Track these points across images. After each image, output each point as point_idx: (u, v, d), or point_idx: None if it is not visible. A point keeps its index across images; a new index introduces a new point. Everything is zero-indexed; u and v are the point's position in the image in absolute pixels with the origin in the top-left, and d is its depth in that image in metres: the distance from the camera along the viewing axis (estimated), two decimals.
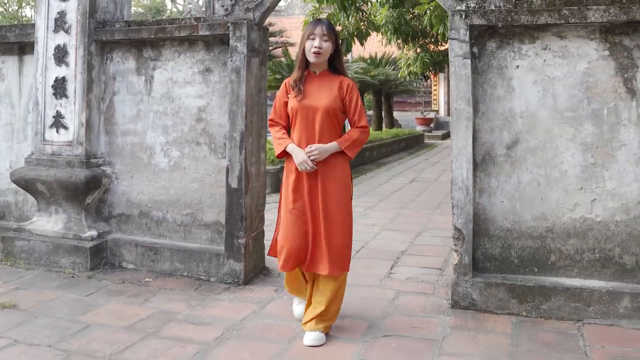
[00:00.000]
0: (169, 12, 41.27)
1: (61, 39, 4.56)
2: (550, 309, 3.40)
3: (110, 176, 4.60)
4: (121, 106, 4.59)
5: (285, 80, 3.26)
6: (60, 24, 4.57)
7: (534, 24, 3.50)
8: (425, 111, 26.60)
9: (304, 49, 3.11)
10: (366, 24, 8.50)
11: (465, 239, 3.54)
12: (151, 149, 4.48)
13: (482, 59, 3.67)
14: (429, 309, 3.57)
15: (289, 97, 3.16)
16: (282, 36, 13.20)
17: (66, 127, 4.55)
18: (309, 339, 3.02)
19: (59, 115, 4.57)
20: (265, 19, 4.23)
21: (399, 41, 11.55)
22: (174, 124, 4.41)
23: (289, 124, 3.21)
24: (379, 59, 19.49)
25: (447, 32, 3.71)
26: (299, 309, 3.35)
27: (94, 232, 4.45)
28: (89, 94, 4.52)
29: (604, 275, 3.46)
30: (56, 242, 4.42)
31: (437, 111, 27.54)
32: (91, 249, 4.35)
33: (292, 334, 3.17)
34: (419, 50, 12.35)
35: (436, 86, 27.87)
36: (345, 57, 5.47)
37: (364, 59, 19.15)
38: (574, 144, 3.52)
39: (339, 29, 7.54)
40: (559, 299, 3.39)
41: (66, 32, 4.55)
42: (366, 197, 8.06)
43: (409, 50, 12.67)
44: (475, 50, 3.66)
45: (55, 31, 4.58)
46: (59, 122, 4.57)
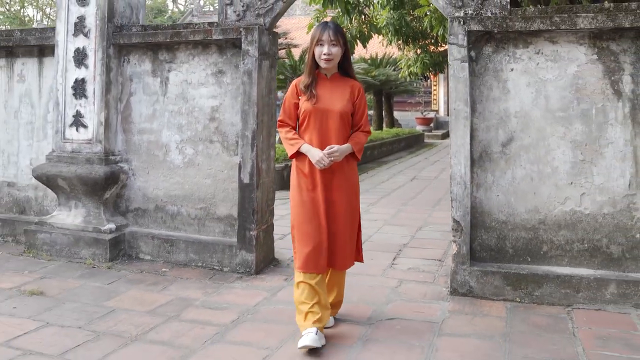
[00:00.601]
0: (170, 12, 41.50)
1: (80, 42, 4.81)
2: (542, 295, 3.66)
3: (127, 172, 4.85)
4: (138, 106, 4.84)
5: (294, 81, 3.27)
6: (79, 28, 4.82)
7: (528, 30, 3.76)
8: (425, 111, 26.85)
9: (314, 54, 3.14)
10: (368, 26, 8.73)
11: (463, 231, 3.80)
12: (166, 146, 4.74)
13: (479, 63, 3.92)
14: (429, 296, 3.83)
15: (299, 99, 3.19)
16: (285, 38, 13.44)
17: (85, 126, 4.80)
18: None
19: (78, 114, 4.82)
20: (275, 24, 4.48)
21: (400, 42, 11.75)
22: (188, 123, 4.66)
23: (298, 125, 3.26)
24: (379, 59, 19.75)
25: (447, 35, 3.96)
26: (310, 336, 2.93)
27: (112, 226, 4.70)
28: (107, 94, 4.77)
29: (592, 263, 3.71)
30: (77, 235, 4.67)
31: (437, 111, 27.78)
32: (110, 241, 4.60)
33: None
34: (419, 51, 12.58)
35: (436, 86, 28.11)
36: None
37: (365, 60, 19.41)
38: (564, 142, 3.77)
39: None
40: (550, 286, 3.65)
41: (85, 35, 4.80)
42: (368, 194, 8.31)
43: (409, 51, 12.88)
44: (472, 54, 3.91)
45: (75, 35, 4.83)
46: (78, 121, 4.82)
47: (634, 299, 3.52)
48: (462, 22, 3.84)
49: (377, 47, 18.42)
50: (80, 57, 4.81)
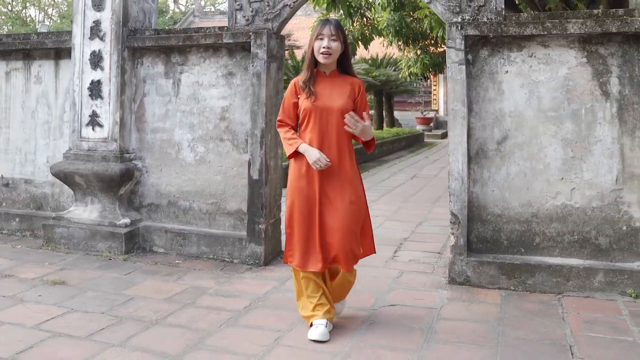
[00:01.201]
0: (172, 12, 41.71)
1: (96, 45, 5.05)
2: (534, 284, 3.90)
3: (141, 169, 5.09)
4: (151, 106, 5.08)
5: (293, 80, 3.24)
6: (95, 32, 5.06)
7: (521, 34, 3.99)
8: (425, 111, 27.09)
9: (313, 49, 3.13)
10: (370, 29, 8.97)
11: (460, 223, 4.04)
12: (179, 144, 4.97)
13: (475, 65, 4.16)
14: (428, 285, 4.07)
15: (298, 98, 3.17)
16: (289, 39, 13.68)
17: (101, 125, 5.04)
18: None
19: (94, 114, 5.06)
20: (282, 28, 4.72)
21: (400, 43, 11.97)
22: (199, 122, 4.90)
23: (298, 124, 3.25)
24: (380, 60, 19.99)
25: (446, 38, 4.20)
26: (319, 329, 3.08)
27: (127, 220, 4.94)
28: (122, 95, 5.01)
29: (582, 254, 3.95)
30: (93, 229, 4.91)
31: (437, 111, 28.01)
32: (125, 234, 4.84)
33: None
34: (419, 52, 12.80)
35: (436, 86, 28.34)
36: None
37: (365, 60, 19.66)
38: (555, 140, 4.01)
39: None
40: (542, 275, 3.89)
41: (101, 39, 5.03)
42: (369, 192, 8.52)
43: (409, 52, 13.10)
44: (469, 57, 4.15)
45: (91, 38, 5.07)
46: (94, 121, 5.06)
47: (620, 287, 3.76)
48: (459, 27, 4.07)
49: (378, 47, 18.67)
50: (96, 60, 5.05)
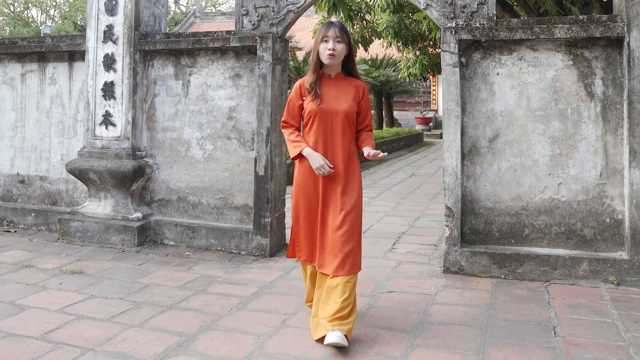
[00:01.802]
0: (173, 13, 41.97)
1: (109, 48, 5.32)
2: (523, 272, 4.16)
3: (152, 166, 5.35)
4: (161, 106, 5.34)
5: (298, 82, 3.26)
6: (108, 35, 5.32)
7: (512, 39, 4.26)
8: (424, 111, 27.37)
9: (318, 52, 3.14)
10: (370, 31, 9.22)
11: (454, 216, 4.30)
12: (188, 143, 5.24)
13: (469, 68, 4.42)
14: (424, 274, 4.33)
15: (303, 100, 3.19)
16: (291, 41, 13.94)
17: (114, 125, 5.30)
18: (332, 337, 2.90)
19: (107, 114, 5.32)
20: (286, 32, 4.98)
21: (399, 44, 12.21)
22: (208, 121, 5.16)
23: (302, 126, 3.26)
24: (380, 61, 20.27)
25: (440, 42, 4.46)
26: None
27: (139, 214, 5.20)
28: (134, 96, 5.27)
29: (568, 244, 4.22)
30: (107, 223, 5.18)
31: (436, 111, 28.29)
32: (137, 228, 5.10)
33: None
34: (418, 52, 13.05)
35: (435, 87, 28.61)
36: None
37: (365, 61, 19.93)
38: (544, 138, 4.27)
39: None
40: (531, 264, 4.15)
41: (114, 42, 5.30)
42: (369, 189, 8.82)
43: (408, 52, 13.34)
44: (463, 60, 4.41)
45: (104, 42, 5.34)
46: (108, 120, 5.32)
47: (603, 275, 4.02)
48: (453, 32, 4.34)
49: (378, 48, 18.94)
50: (109, 62, 5.31)
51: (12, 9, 38.48)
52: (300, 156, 3.16)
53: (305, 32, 20.83)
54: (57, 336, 3.13)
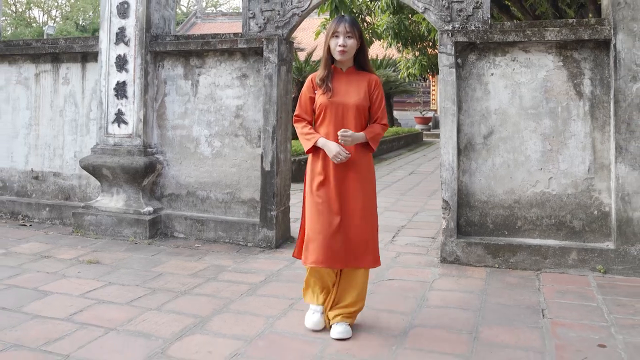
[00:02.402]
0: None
1: (121, 49, 5.56)
2: (516, 262, 4.40)
3: (162, 163, 5.59)
4: (171, 105, 5.59)
5: (310, 75, 3.26)
6: (120, 37, 5.57)
7: (505, 41, 4.50)
8: (424, 110, 27.62)
9: (329, 47, 3.12)
10: (370, 33, 9.45)
11: (451, 209, 4.54)
12: (197, 140, 5.48)
13: (464, 68, 4.66)
14: (422, 264, 4.58)
15: (315, 94, 3.18)
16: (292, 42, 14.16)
17: (126, 123, 5.55)
18: (337, 331, 3.07)
19: (120, 112, 5.57)
20: (291, 34, 5.22)
21: (399, 45, 12.43)
22: (216, 119, 5.41)
23: (314, 119, 3.26)
24: (380, 61, 20.51)
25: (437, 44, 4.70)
26: (314, 318, 3.18)
27: (150, 208, 5.44)
28: (145, 95, 5.52)
29: (558, 235, 4.46)
30: (119, 216, 5.42)
31: (436, 111, 28.49)
32: (149, 221, 5.34)
33: None
34: (417, 53, 13.28)
35: (434, 87, 28.83)
36: None
37: None
38: (535, 135, 4.52)
39: None
40: (523, 254, 4.39)
41: (126, 44, 5.54)
42: None
43: (408, 53, 13.55)
44: (459, 61, 4.65)
45: (116, 43, 5.58)
46: (120, 118, 5.57)
47: (590, 264, 4.26)
48: (450, 35, 4.58)
49: (378, 49, 19.18)
50: (121, 63, 5.56)
51: (14, 9, 38.71)
52: (314, 149, 3.13)
53: (306, 32, 21.05)
54: (81, 318, 3.37)
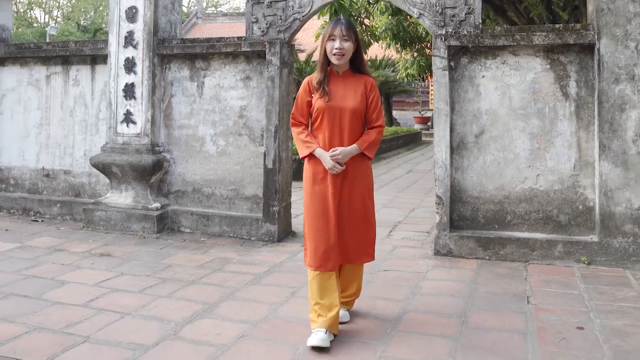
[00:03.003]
0: None
1: (130, 52, 5.81)
2: (505, 254, 4.65)
3: (169, 161, 5.85)
4: (177, 106, 5.84)
5: (307, 78, 3.25)
6: (129, 41, 5.82)
7: (495, 45, 4.75)
8: (422, 110, 27.87)
9: (325, 50, 3.12)
10: (369, 35, 9.70)
11: (444, 204, 4.80)
12: (202, 139, 5.73)
13: (457, 71, 4.91)
14: (417, 256, 4.83)
15: (312, 97, 3.19)
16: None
17: (135, 122, 5.80)
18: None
19: (128, 113, 5.82)
20: (293, 38, 5.47)
21: (398, 46, 12.66)
22: (220, 119, 5.66)
23: (311, 122, 3.27)
24: (379, 61, 20.77)
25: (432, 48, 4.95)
26: (318, 336, 2.98)
27: (158, 204, 5.70)
28: (152, 96, 5.77)
29: (545, 229, 4.71)
30: (128, 212, 5.67)
31: None
32: (157, 217, 5.59)
33: None
34: (415, 54, 13.52)
35: (433, 87, 29.03)
36: None
37: None
38: (524, 134, 4.77)
39: None
40: (512, 247, 4.64)
41: (134, 47, 5.79)
42: None
43: (406, 54, 13.79)
44: (452, 64, 4.90)
45: (125, 46, 5.83)
46: (128, 119, 5.82)
47: (576, 256, 4.51)
48: (443, 39, 4.83)
49: (377, 50, 19.43)
50: (129, 65, 5.81)
51: (15, 9, 38.91)
52: (310, 155, 3.16)
53: (306, 33, 21.29)
54: (97, 304, 3.62)
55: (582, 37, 4.57)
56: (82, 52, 6.24)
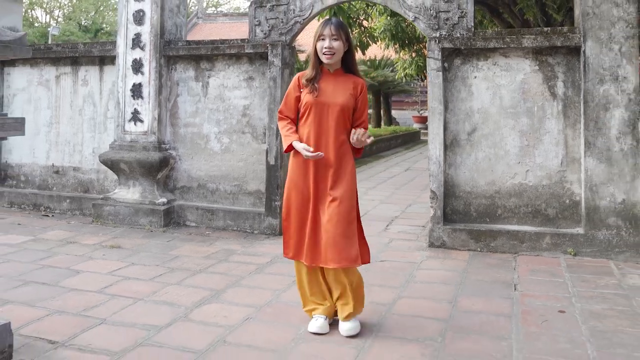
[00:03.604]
0: None
1: (137, 54, 6.05)
2: (496, 246, 4.90)
3: (175, 158, 6.09)
4: (183, 105, 6.08)
5: (297, 74, 3.28)
6: (136, 42, 6.06)
7: (487, 47, 5.00)
8: (421, 110, 28.11)
9: (317, 50, 3.16)
10: (367, 36, 9.95)
11: (438, 198, 5.04)
12: (207, 137, 5.98)
13: (450, 71, 5.16)
14: (412, 248, 5.08)
15: (301, 92, 3.21)
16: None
17: (142, 121, 6.04)
18: (345, 328, 3.13)
19: (136, 112, 6.06)
20: (294, 40, 5.71)
21: (396, 46, 12.89)
22: (224, 118, 5.90)
23: (298, 117, 3.27)
24: (378, 61, 21.01)
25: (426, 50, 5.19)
26: (318, 323, 3.17)
27: (164, 199, 5.94)
28: (159, 95, 6.01)
29: (534, 222, 4.95)
30: (136, 207, 5.91)
31: None
32: (163, 211, 5.84)
33: None
34: (414, 54, 13.76)
35: None
36: None
37: (364, 62, 20.65)
38: (514, 131, 5.01)
39: None
40: (503, 239, 4.89)
41: (141, 49, 6.03)
42: (367, 181, 9.56)
43: (405, 54, 14.01)
44: (445, 65, 5.15)
45: (132, 48, 6.07)
46: (136, 117, 6.06)
47: (563, 247, 4.76)
48: (437, 41, 5.07)
49: (376, 50, 19.66)
50: (137, 66, 6.05)
51: None
52: (292, 149, 3.18)
53: (307, 33, 21.60)
54: (111, 290, 3.87)
55: (569, 39, 4.81)
56: (91, 53, 6.48)
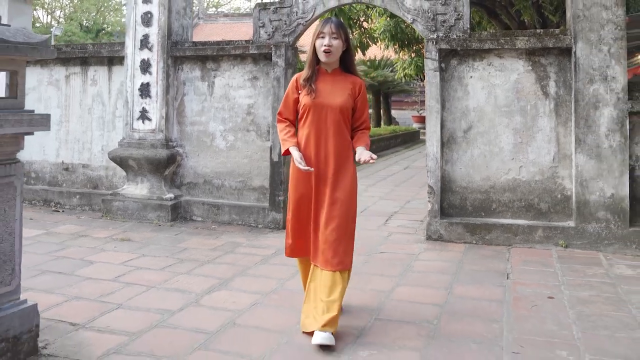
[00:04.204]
0: None
1: (145, 54, 6.27)
2: (491, 239, 5.11)
3: (182, 155, 6.30)
4: (189, 104, 6.29)
5: (295, 75, 3.25)
6: (144, 43, 6.27)
7: (482, 48, 5.21)
8: (421, 109, 28.30)
9: (315, 48, 3.12)
10: (367, 37, 10.16)
11: (435, 193, 5.25)
12: (212, 134, 6.19)
13: (447, 72, 5.37)
14: (411, 241, 5.29)
15: (299, 94, 3.16)
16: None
17: (150, 119, 6.25)
18: (319, 337, 2.91)
19: (144, 110, 6.27)
20: (297, 41, 5.93)
21: (396, 46, 13.10)
22: (229, 116, 6.12)
23: (297, 119, 3.24)
24: (378, 62, 21.23)
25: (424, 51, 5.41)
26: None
27: (171, 195, 6.15)
28: (166, 95, 6.22)
29: (527, 216, 5.17)
30: (144, 202, 6.13)
31: None
32: (171, 206, 6.05)
33: None
34: (413, 55, 13.98)
35: None
36: None
37: (364, 62, 20.88)
38: (508, 129, 5.22)
39: None
40: (497, 232, 5.10)
41: (149, 49, 6.25)
42: (366, 179, 9.78)
43: (404, 54, 14.23)
44: (442, 65, 5.36)
45: (140, 49, 6.29)
46: (144, 116, 6.27)
47: (554, 240, 4.97)
48: (435, 43, 5.29)
49: (376, 50, 19.88)
50: (145, 66, 6.26)
51: None
52: (289, 153, 3.14)
53: (308, 33, 21.85)
54: (125, 279, 4.08)
55: (561, 41, 5.03)
56: (100, 53, 6.70)
